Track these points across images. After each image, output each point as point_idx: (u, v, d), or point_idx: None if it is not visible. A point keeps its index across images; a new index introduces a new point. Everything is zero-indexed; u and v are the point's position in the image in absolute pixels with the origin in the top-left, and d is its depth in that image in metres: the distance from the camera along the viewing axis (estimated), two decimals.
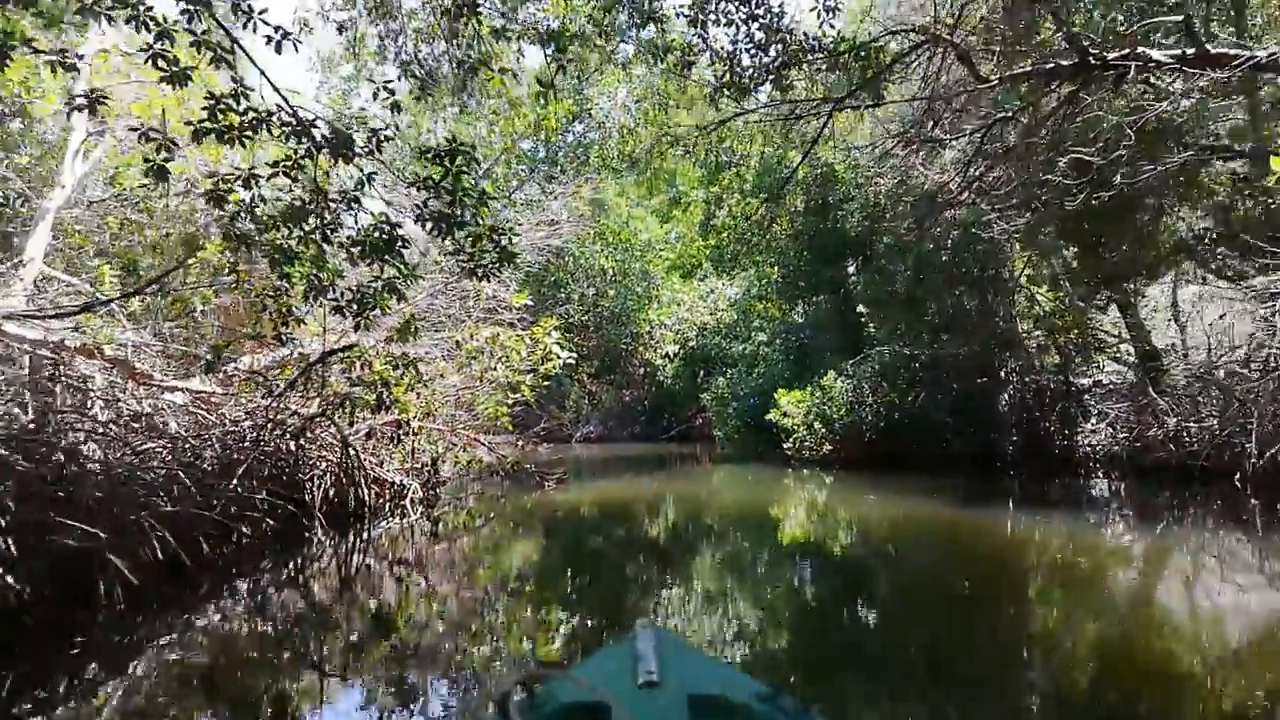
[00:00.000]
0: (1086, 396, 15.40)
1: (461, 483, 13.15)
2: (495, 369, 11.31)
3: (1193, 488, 12.00)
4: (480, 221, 6.80)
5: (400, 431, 10.49)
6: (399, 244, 6.99)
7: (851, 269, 18.77)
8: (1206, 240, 11.56)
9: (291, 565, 8.12)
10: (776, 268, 19.94)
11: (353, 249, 7.09)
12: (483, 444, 12.64)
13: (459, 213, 6.74)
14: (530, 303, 10.79)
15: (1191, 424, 13.53)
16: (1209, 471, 12.49)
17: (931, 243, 13.77)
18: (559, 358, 11.12)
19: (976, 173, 10.18)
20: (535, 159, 18.14)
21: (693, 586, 7.09)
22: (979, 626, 5.92)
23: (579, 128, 18.21)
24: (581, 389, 31.87)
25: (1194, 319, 17.81)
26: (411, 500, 10.53)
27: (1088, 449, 14.44)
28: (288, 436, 9.62)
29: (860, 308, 15.93)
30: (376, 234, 7.09)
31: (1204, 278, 16.25)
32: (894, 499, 11.87)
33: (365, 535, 9.54)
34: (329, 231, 7.09)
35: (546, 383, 12.48)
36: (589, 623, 5.86)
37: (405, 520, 10.25)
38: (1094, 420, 15.01)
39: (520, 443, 15.08)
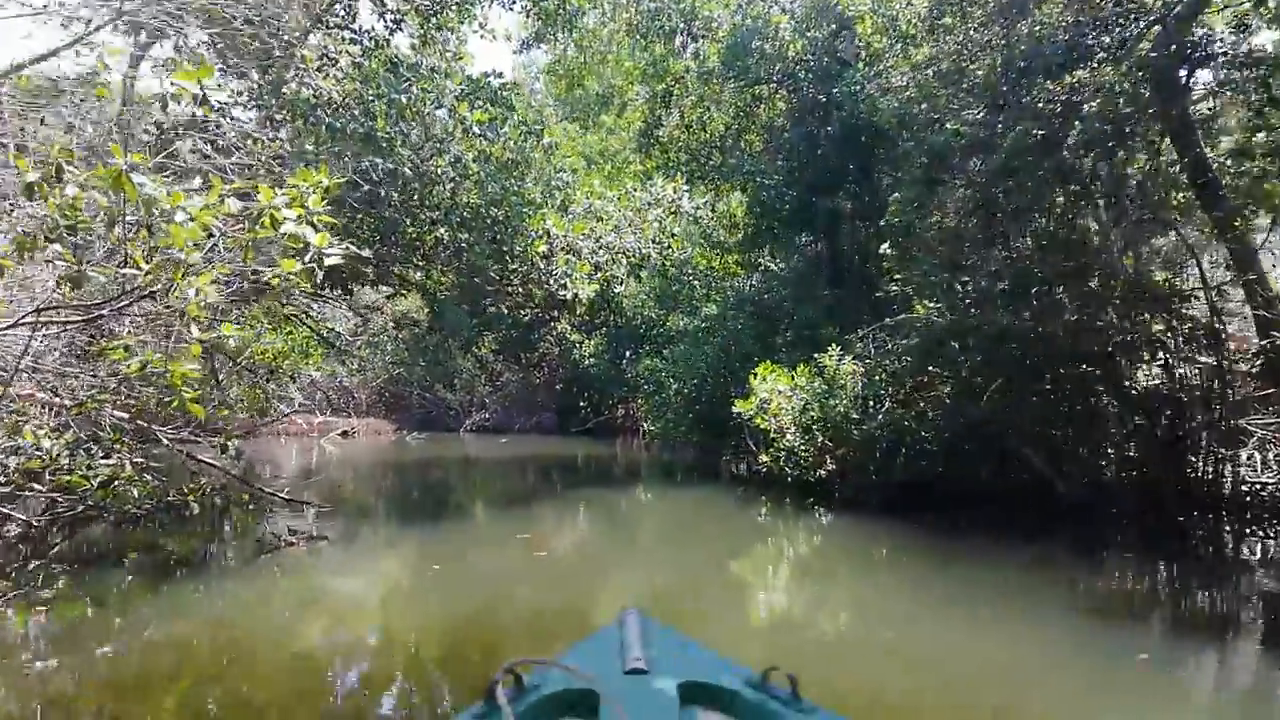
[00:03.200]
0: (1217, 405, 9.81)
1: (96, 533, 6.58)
2: (129, 253, 4.77)
3: None
4: None
5: None
6: None
7: (853, 205, 12.86)
8: None
9: None
10: (745, 193, 13.90)
11: None
12: (164, 438, 6.16)
13: None
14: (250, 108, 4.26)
15: None
16: None
17: (1038, 125, 7.92)
18: (311, 250, 4.63)
19: None
20: None
21: None
22: None
23: None
24: (478, 366, 25.35)
25: None
26: None
27: (1248, 494, 8.92)
28: None
29: (884, 249, 9.98)
30: None
31: None
32: (982, 609, 5.99)
33: None
34: None
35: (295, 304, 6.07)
36: None
37: None
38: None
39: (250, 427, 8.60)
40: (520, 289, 8.38)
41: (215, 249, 4.62)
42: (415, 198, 7.52)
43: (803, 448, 9.24)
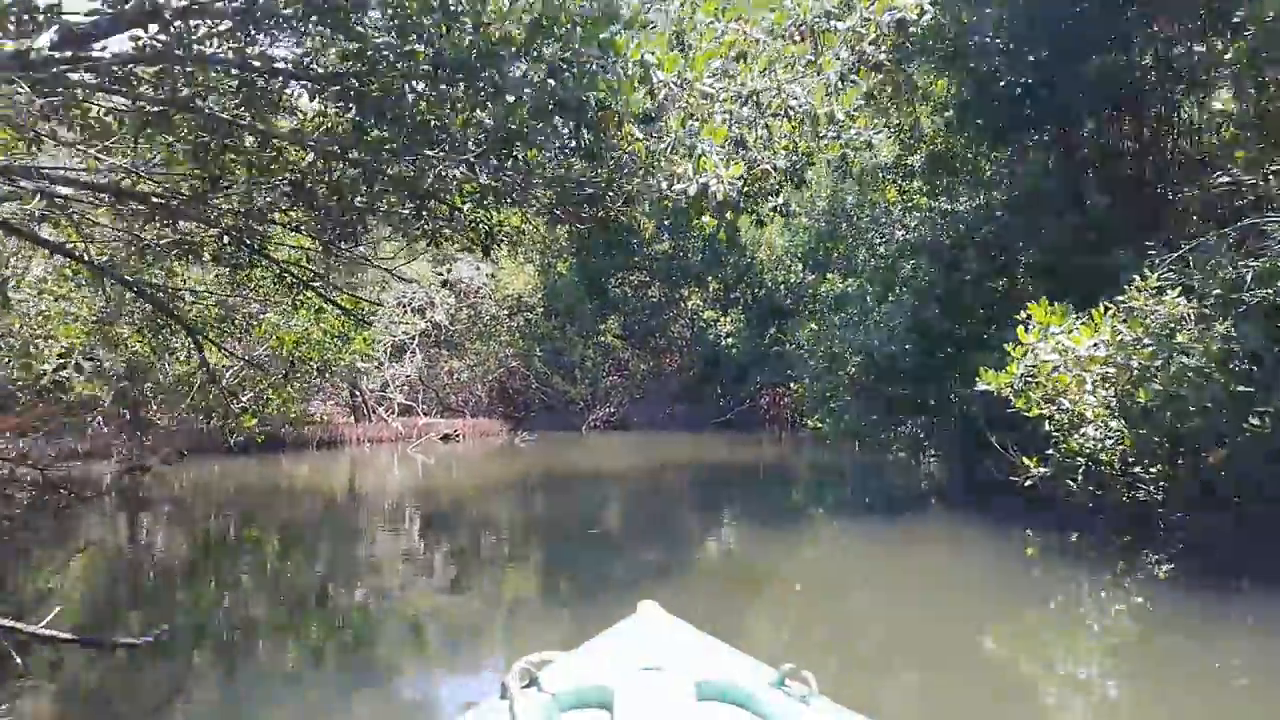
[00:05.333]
0: None
1: None
2: None
3: None
4: None
5: None
6: None
7: (1127, 70, 8.55)
8: None
9: None
10: (939, 93, 9.84)
11: None
12: None
13: None
14: None
15: None
16: None
17: None
18: None
19: None
20: None
21: None
22: None
23: None
24: (601, 354, 22.27)
25: None
26: None
27: None
28: None
29: (1218, 107, 5.70)
30: None
31: None
32: None
33: None
34: None
35: None
36: None
37: None
38: None
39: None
40: (613, 192, 4.85)
41: None
42: (403, 27, 4.16)
43: (1127, 446, 5.17)
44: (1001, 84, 8.93)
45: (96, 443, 8.75)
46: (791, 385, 16.36)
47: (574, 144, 4.79)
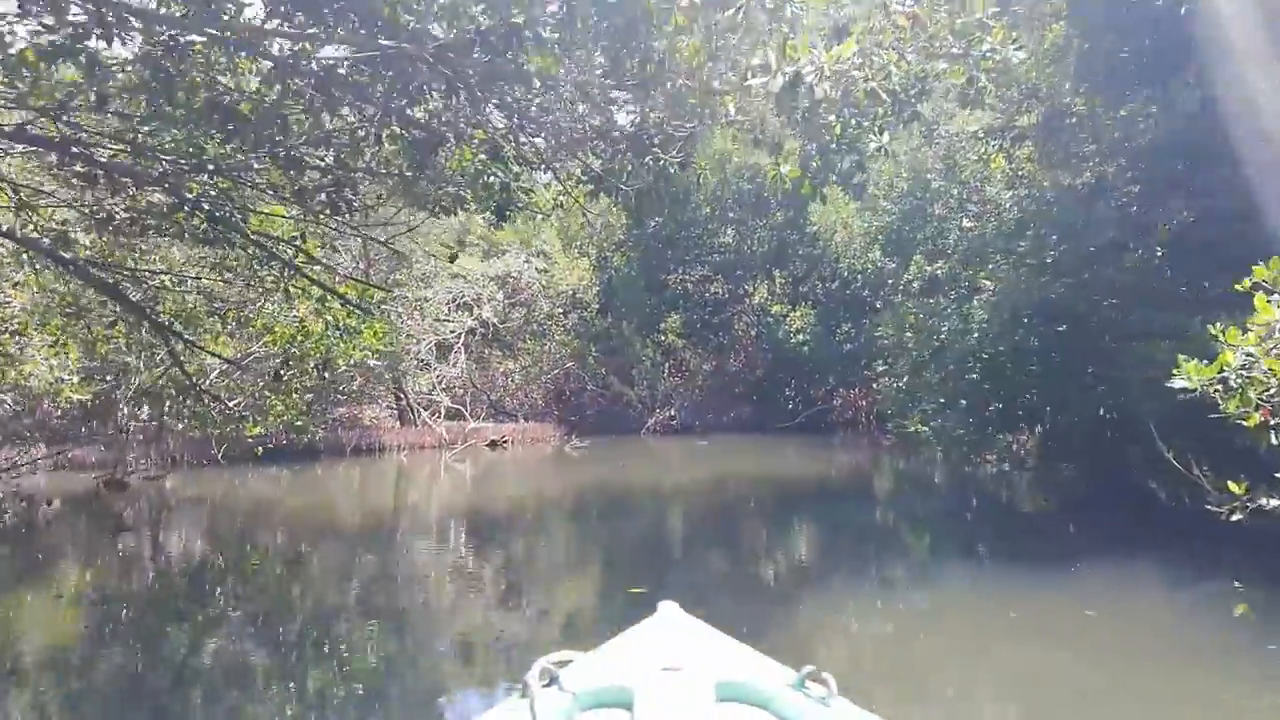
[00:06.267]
0: None
1: None
2: None
3: None
4: None
5: None
6: None
7: None
8: None
9: None
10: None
11: None
12: None
13: None
14: None
15: None
16: None
17: None
18: None
19: None
20: None
21: None
22: None
23: None
24: (660, 354, 20.81)
25: None
26: None
27: None
28: None
29: None
30: None
31: None
32: None
33: None
34: None
35: None
36: None
37: None
38: None
39: None
40: (664, 133, 3.46)
41: None
42: None
43: None
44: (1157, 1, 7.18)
45: (68, 450, 7.82)
46: (873, 385, 14.70)
47: (601, 48, 3.41)
